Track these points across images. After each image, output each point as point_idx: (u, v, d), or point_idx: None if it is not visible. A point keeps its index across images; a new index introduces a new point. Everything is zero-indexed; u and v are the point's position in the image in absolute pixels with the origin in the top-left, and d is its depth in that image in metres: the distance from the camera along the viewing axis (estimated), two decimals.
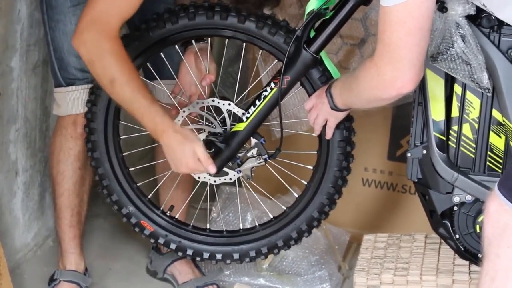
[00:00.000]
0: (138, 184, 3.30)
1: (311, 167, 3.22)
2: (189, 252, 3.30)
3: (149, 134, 3.11)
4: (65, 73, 3.22)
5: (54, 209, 3.40)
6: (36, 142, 3.54)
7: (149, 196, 3.31)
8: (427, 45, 2.47)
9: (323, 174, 3.18)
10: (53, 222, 3.62)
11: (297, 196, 3.27)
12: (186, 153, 3.00)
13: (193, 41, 3.26)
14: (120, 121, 3.31)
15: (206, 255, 3.28)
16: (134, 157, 3.54)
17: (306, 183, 3.24)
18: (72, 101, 3.23)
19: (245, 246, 3.25)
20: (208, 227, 3.36)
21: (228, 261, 3.28)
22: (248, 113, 3.03)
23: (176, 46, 3.29)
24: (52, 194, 3.42)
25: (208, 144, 3.09)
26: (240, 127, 3.05)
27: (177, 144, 3.00)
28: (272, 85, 2.98)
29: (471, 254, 2.88)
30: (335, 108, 2.85)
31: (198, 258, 3.35)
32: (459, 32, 2.74)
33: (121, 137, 3.31)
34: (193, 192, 3.40)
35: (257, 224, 3.31)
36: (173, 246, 3.31)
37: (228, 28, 3.12)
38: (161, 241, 3.33)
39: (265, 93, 3.01)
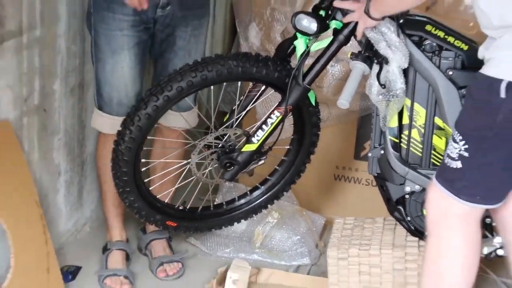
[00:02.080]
0: (157, 196, 3.26)
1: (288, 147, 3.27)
2: (208, 226, 3.34)
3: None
4: (100, 99, 3.22)
5: (101, 194, 3.47)
6: (74, 149, 3.52)
7: (166, 201, 3.27)
8: None
9: (299, 150, 3.25)
10: (90, 213, 3.70)
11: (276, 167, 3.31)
12: None
13: None
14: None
15: (219, 227, 3.34)
16: None
17: (283, 158, 3.29)
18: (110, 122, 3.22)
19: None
20: (212, 207, 3.34)
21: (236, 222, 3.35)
22: (258, 135, 3.00)
23: None
24: (98, 182, 3.47)
25: (227, 162, 3.04)
26: (252, 147, 3.01)
27: None
28: (277, 113, 2.96)
29: (420, 232, 2.91)
30: (367, 12, 2.69)
31: (214, 229, 3.41)
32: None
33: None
34: (199, 186, 3.27)
35: (247, 191, 3.34)
36: (192, 229, 3.37)
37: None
38: (183, 229, 3.38)
39: (271, 120, 2.98)
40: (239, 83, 3.16)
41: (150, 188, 3.22)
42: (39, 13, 3.06)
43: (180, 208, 3.27)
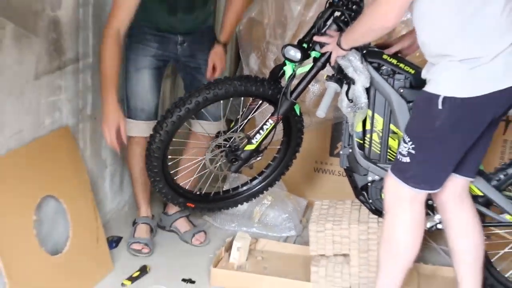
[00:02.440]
0: (180, 184, 3.24)
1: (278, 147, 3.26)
2: (218, 206, 3.35)
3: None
4: (128, 109, 3.22)
5: (132, 181, 3.44)
6: None
7: (186, 188, 3.24)
8: (409, 3, 2.28)
9: (287, 150, 3.24)
10: (128, 197, 3.70)
11: (270, 162, 3.31)
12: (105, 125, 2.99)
13: None
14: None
15: (227, 207, 3.35)
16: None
17: (275, 155, 3.29)
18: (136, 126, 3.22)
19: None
20: (221, 192, 3.34)
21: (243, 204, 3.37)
22: (256, 138, 2.99)
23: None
24: (129, 172, 3.43)
25: (233, 158, 3.05)
26: (252, 147, 3.01)
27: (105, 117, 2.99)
28: (271, 121, 2.95)
29: (379, 211, 2.90)
30: (339, 44, 2.67)
31: (223, 209, 3.43)
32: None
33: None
34: (211, 177, 3.30)
35: (248, 180, 3.35)
36: (206, 209, 3.43)
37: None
38: (199, 209, 3.40)
39: (266, 126, 2.96)
40: (242, 98, 3.15)
41: (174, 178, 3.19)
42: (91, 45, 3.07)
43: (197, 193, 3.27)
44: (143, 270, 3.05)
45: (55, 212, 2.87)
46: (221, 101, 3.06)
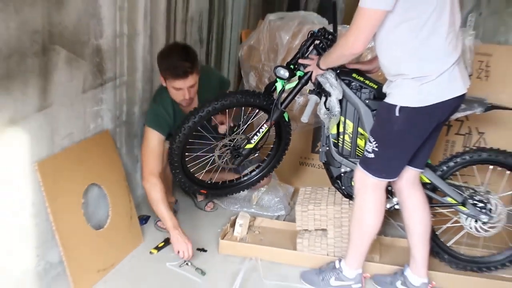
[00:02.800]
0: (195, 175, 3.19)
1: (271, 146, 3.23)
2: (225, 193, 3.31)
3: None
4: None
5: None
6: None
7: (200, 178, 3.20)
8: (373, 32, 2.28)
9: (278, 148, 3.22)
10: None
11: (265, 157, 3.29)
12: (175, 246, 2.88)
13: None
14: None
15: (232, 193, 3.32)
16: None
17: (269, 152, 3.27)
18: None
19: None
20: (227, 182, 3.31)
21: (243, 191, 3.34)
22: (254, 139, 2.99)
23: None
24: None
25: (236, 155, 3.04)
26: (251, 146, 3.00)
27: (173, 239, 2.91)
28: (266, 126, 2.96)
29: (350, 196, 2.90)
30: (318, 65, 2.68)
31: (229, 195, 3.35)
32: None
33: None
34: (219, 169, 3.17)
35: (248, 172, 3.30)
36: (216, 195, 3.40)
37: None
38: (210, 195, 3.39)
39: (262, 130, 2.96)
40: (243, 108, 3.15)
41: (191, 170, 3.18)
42: (126, 67, 3.06)
43: (209, 182, 3.25)
44: (167, 242, 3.04)
45: (98, 196, 2.88)
46: (226, 110, 3.05)
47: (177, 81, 2.93)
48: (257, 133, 3.00)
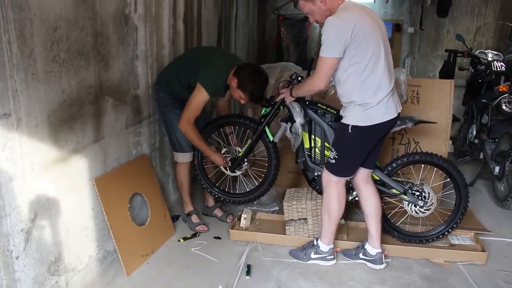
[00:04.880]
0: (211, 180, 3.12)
1: (265, 170, 3.04)
2: (232, 200, 3.12)
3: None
4: (181, 146, 2.98)
5: (180, 189, 3.15)
6: (174, 165, 3.17)
7: (213, 182, 3.12)
8: (331, 74, 2.28)
9: (270, 169, 3.00)
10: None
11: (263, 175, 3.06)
12: (217, 160, 2.91)
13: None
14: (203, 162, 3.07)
15: (237, 202, 3.12)
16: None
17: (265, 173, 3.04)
18: (182, 157, 3.03)
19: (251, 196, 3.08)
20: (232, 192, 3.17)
21: (244, 203, 3.11)
22: (242, 149, 2.94)
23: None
24: (178, 184, 3.17)
25: (231, 160, 2.96)
26: (240, 154, 2.93)
27: (214, 158, 2.90)
28: (250, 140, 2.91)
29: (322, 193, 2.74)
30: (290, 94, 2.64)
31: (235, 202, 3.14)
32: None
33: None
34: (222, 179, 3.16)
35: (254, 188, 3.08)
36: (224, 200, 3.14)
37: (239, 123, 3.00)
38: (221, 199, 3.14)
39: (248, 142, 2.90)
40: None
41: (209, 176, 3.12)
42: (156, 109, 3.02)
43: (222, 189, 3.16)
44: (194, 235, 3.01)
45: (140, 202, 2.87)
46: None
47: (249, 102, 2.79)
48: (245, 145, 2.94)
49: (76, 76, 2.18)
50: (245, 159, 3.00)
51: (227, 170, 3.03)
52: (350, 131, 2.38)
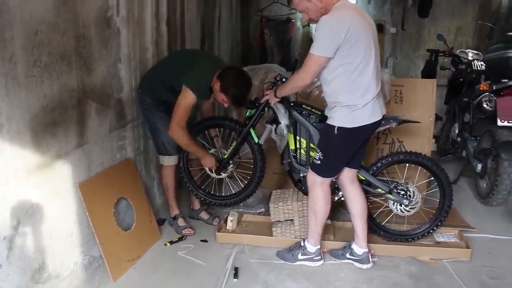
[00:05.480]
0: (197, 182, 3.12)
1: (251, 172, 3.05)
2: (219, 202, 3.10)
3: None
4: (166, 150, 2.95)
5: (165, 192, 3.12)
6: (159, 168, 3.14)
7: (198, 184, 3.11)
8: (318, 71, 2.28)
9: (256, 171, 3.01)
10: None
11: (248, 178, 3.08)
12: (208, 162, 2.91)
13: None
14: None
15: (223, 204, 3.11)
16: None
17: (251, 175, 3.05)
18: (167, 160, 2.99)
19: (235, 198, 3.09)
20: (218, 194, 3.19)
21: (231, 205, 3.11)
22: (227, 151, 2.95)
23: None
24: (163, 188, 3.14)
25: (218, 161, 2.96)
26: (225, 155, 2.94)
27: (206, 159, 2.90)
28: (235, 141, 2.91)
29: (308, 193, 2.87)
30: (274, 94, 2.66)
31: (223, 205, 3.12)
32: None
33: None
34: (208, 181, 3.15)
35: (240, 190, 3.10)
36: (209, 203, 3.13)
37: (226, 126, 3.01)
38: (207, 202, 3.13)
39: (233, 144, 2.92)
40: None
41: (194, 179, 3.11)
42: (140, 113, 2.99)
43: (207, 191, 3.16)
44: (180, 239, 2.99)
45: (126, 206, 2.85)
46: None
47: (231, 105, 2.78)
48: (230, 147, 2.95)
49: (58, 80, 2.17)
50: (231, 161, 3.00)
51: (212, 173, 3.02)
52: (336, 132, 2.39)
